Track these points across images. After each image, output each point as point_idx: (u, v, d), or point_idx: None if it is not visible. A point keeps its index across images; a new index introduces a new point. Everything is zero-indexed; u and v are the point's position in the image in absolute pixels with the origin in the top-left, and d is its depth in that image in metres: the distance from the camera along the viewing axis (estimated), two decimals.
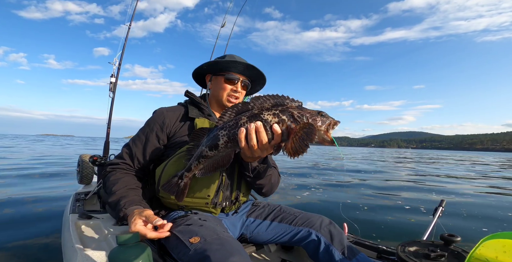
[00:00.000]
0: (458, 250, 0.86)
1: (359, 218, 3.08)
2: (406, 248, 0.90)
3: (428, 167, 11.80)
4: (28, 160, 8.35)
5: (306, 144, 0.67)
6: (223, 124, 0.78)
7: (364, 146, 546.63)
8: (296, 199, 4.07)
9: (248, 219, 1.14)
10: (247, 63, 1.14)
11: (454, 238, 0.87)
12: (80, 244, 1.19)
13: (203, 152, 0.81)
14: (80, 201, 1.76)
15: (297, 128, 0.70)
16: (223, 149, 0.79)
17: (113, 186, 0.96)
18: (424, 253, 0.85)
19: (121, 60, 2.66)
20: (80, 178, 2.19)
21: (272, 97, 0.77)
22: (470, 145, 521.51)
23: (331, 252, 0.98)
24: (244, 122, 0.74)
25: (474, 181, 7.06)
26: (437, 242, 0.93)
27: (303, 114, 0.73)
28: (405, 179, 7.07)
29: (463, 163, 16.77)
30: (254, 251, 1.16)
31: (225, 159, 0.82)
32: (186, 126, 1.09)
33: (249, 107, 0.77)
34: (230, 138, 0.76)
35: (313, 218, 1.07)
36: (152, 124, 1.08)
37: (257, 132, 0.73)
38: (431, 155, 39.37)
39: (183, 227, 0.90)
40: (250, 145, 0.74)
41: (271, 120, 0.72)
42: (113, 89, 2.60)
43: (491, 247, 0.67)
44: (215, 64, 1.16)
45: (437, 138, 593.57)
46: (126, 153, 1.07)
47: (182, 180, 0.88)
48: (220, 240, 0.79)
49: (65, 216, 1.60)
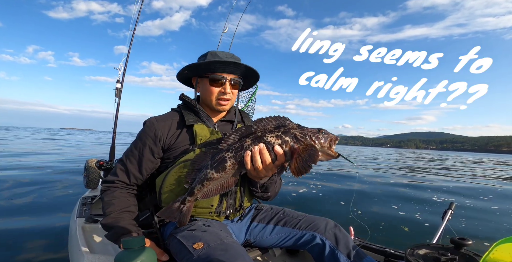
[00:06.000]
0: (470, 253, 0.84)
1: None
2: (415, 251, 0.88)
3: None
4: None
5: (309, 165, 0.70)
6: (228, 146, 0.81)
7: (379, 146, 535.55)
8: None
9: (252, 223, 1.13)
10: (231, 60, 1.00)
11: (465, 242, 0.85)
12: (87, 247, 1.20)
13: (208, 175, 0.81)
14: (87, 205, 1.78)
15: (300, 149, 0.74)
16: (230, 171, 0.81)
17: (108, 207, 0.96)
18: (434, 256, 0.83)
19: (126, 65, 2.66)
20: (87, 182, 2.22)
21: (274, 118, 0.80)
22: (496, 147, 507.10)
23: (336, 256, 0.96)
24: (249, 144, 0.78)
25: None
26: (447, 245, 0.91)
27: (305, 133, 0.75)
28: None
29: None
30: (259, 256, 1.15)
31: (231, 181, 0.83)
32: (184, 134, 1.02)
33: (252, 129, 0.80)
34: (236, 160, 0.79)
35: (317, 221, 1.06)
36: (143, 137, 1.02)
37: (261, 154, 0.76)
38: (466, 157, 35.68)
39: (187, 233, 0.89)
40: (255, 167, 0.77)
41: (274, 141, 0.76)
42: (118, 94, 2.57)
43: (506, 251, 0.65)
44: (197, 67, 1.04)
45: (460, 139, 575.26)
46: (121, 170, 1.02)
47: (184, 205, 0.87)
48: (224, 246, 0.79)
49: (72, 220, 1.62)
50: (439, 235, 1.14)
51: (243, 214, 1.13)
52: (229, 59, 1.00)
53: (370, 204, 3.92)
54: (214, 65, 1.00)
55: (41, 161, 6.86)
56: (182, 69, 1.05)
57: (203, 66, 1.02)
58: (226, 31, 2.73)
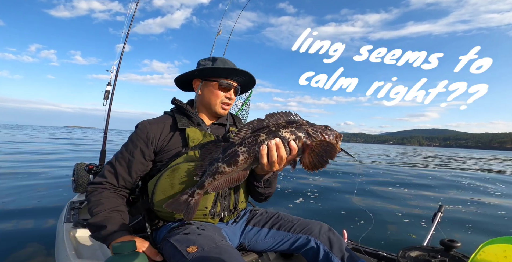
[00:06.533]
0: (459, 255, 0.86)
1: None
2: (407, 253, 0.89)
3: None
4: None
5: (326, 160, 0.74)
6: (240, 140, 0.80)
7: (381, 143, 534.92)
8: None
9: (247, 227, 1.13)
10: (245, 71, 1.09)
11: (454, 244, 0.87)
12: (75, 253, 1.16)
13: (220, 168, 0.81)
14: (75, 210, 1.74)
15: (314, 144, 0.76)
16: (242, 165, 0.81)
17: (96, 207, 0.93)
18: (425, 259, 0.84)
19: (119, 68, 2.60)
20: (75, 186, 2.16)
21: (285, 114, 0.82)
22: (500, 144, 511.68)
23: (330, 259, 0.96)
24: (264, 139, 0.78)
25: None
26: (437, 247, 0.92)
27: (316, 129, 0.79)
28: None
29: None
30: (253, 259, 1.14)
31: (241, 175, 0.84)
32: (177, 137, 1.03)
33: (264, 124, 0.81)
34: (250, 155, 0.79)
35: (312, 225, 1.06)
36: (135, 139, 1.01)
37: (277, 149, 0.77)
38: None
39: (181, 236, 0.88)
40: (270, 161, 0.78)
41: (288, 137, 0.78)
42: (108, 97, 2.48)
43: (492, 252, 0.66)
44: (213, 71, 1.07)
45: (463, 136, 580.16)
46: (110, 172, 1.00)
47: (193, 198, 0.86)
48: (219, 249, 0.78)
49: (59, 224, 1.57)
50: (429, 237, 1.16)
51: (238, 216, 1.12)
52: (240, 68, 1.08)
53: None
54: (226, 72, 1.07)
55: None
56: (193, 71, 1.09)
57: (218, 71, 1.06)
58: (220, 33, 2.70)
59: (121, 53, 2.66)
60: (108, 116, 2.56)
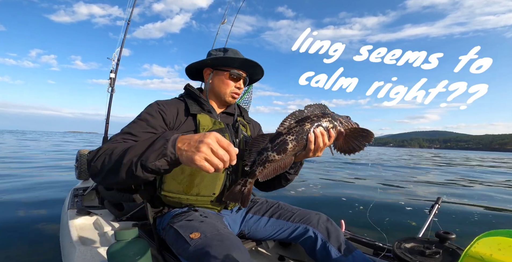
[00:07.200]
0: (453, 247, 0.87)
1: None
2: (402, 244, 0.91)
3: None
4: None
5: (364, 143, 0.83)
6: (287, 130, 0.86)
7: (382, 145, 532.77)
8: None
9: (247, 215, 1.15)
10: (256, 62, 1.10)
11: (449, 236, 0.88)
12: (79, 239, 1.19)
13: (270, 157, 0.85)
14: (79, 197, 1.77)
15: (348, 131, 0.87)
16: (290, 152, 0.86)
17: (114, 149, 0.77)
18: (419, 250, 0.86)
19: (120, 56, 2.65)
20: (79, 173, 2.19)
21: (318, 106, 0.91)
22: (500, 145, 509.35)
23: (327, 249, 0.99)
24: (309, 128, 0.85)
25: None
26: (432, 239, 0.94)
27: (346, 120, 0.90)
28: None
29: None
30: (253, 247, 1.17)
31: (287, 162, 0.89)
32: (189, 122, 1.03)
33: (303, 114, 0.89)
34: (298, 142, 0.85)
35: (310, 215, 1.08)
36: (151, 110, 0.97)
37: (322, 136, 0.84)
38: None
39: (184, 223, 0.90)
40: (315, 148, 0.85)
41: (328, 125, 0.87)
42: (112, 84, 2.59)
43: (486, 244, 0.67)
44: (225, 60, 1.08)
45: (464, 138, 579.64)
46: (126, 133, 0.89)
47: (246, 187, 0.89)
48: (220, 236, 0.80)
49: (64, 211, 1.61)
50: (426, 228, 1.18)
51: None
52: (251, 59, 1.11)
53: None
54: (238, 62, 1.10)
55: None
56: (205, 59, 1.11)
57: (230, 61, 1.09)
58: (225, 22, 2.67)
59: (123, 40, 2.71)
60: (110, 103, 2.63)
